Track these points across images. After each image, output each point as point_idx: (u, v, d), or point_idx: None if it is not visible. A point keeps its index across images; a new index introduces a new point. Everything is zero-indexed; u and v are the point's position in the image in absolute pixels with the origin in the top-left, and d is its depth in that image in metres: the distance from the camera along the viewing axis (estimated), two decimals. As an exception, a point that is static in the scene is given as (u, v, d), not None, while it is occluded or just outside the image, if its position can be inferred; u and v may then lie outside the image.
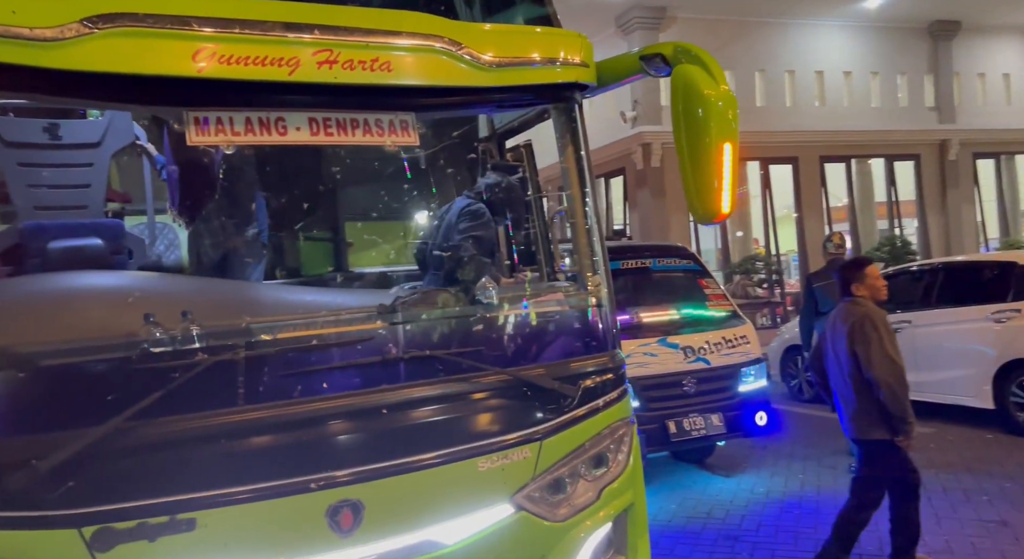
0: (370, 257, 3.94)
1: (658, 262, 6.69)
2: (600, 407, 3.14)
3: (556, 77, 3.16)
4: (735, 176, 3.10)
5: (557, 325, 3.28)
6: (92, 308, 2.62)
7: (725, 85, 3.01)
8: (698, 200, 3.08)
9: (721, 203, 3.06)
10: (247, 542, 2.43)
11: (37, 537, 2.21)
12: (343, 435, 2.63)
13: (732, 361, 6.10)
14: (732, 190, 3.09)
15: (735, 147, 3.06)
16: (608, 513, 3.12)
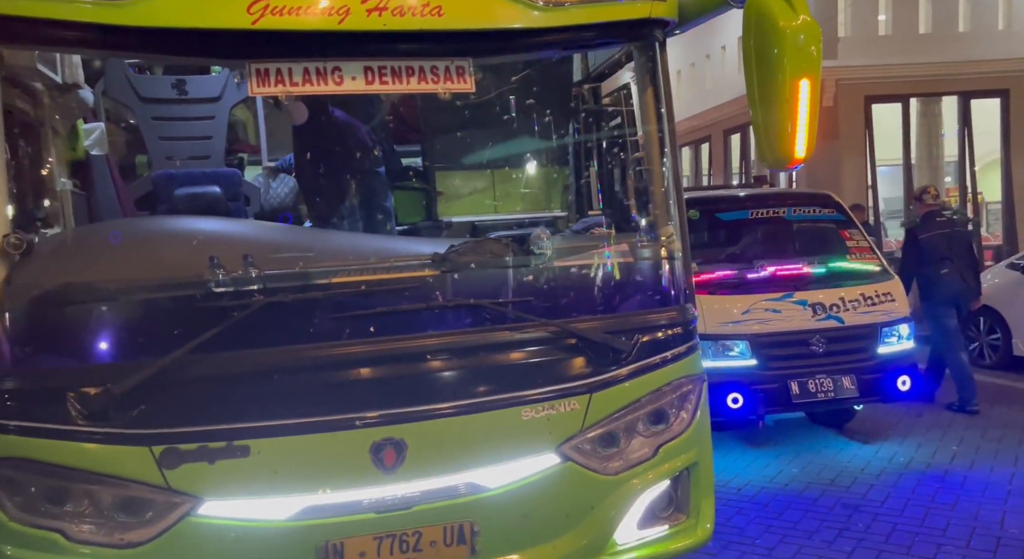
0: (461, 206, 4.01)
1: (794, 211, 6.23)
2: (661, 362, 3.04)
3: (624, 14, 3.00)
4: (814, 117, 2.82)
5: (619, 277, 3.19)
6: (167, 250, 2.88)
7: (806, 14, 2.73)
8: (767, 143, 2.84)
9: (795, 147, 2.81)
10: (296, 471, 2.63)
11: (117, 451, 2.52)
12: (389, 377, 2.74)
13: (871, 320, 5.60)
14: (810, 133, 2.82)
15: (815, 84, 2.79)
16: (665, 470, 3.05)
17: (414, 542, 2.74)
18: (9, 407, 2.53)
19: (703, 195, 6.92)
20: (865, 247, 6.14)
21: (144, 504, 2.54)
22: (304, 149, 4.07)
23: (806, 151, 2.83)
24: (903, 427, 6.43)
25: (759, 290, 5.59)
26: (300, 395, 2.66)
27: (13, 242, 2.64)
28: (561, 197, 4.16)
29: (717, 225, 6.27)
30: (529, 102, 4.00)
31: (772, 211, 6.16)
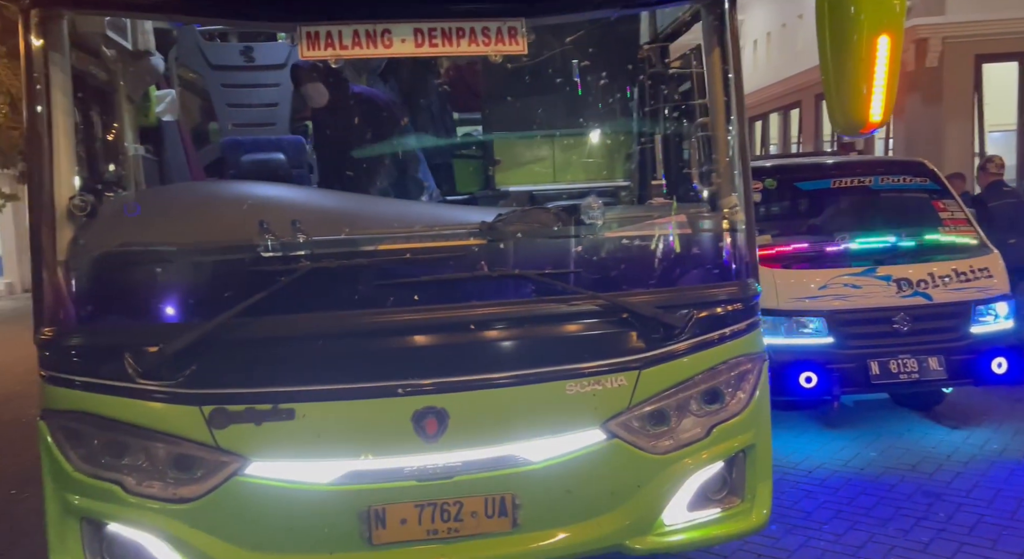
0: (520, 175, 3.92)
1: (881, 180, 5.84)
2: (717, 340, 2.91)
3: None
4: (893, 78, 2.60)
5: (676, 249, 3.06)
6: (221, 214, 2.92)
7: None
8: (839, 106, 2.66)
9: (870, 110, 2.60)
10: (339, 436, 2.65)
11: (169, 409, 2.60)
12: (432, 346, 2.72)
13: (963, 297, 5.23)
14: (888, 95, 2.61)
15: (895, 41, 2.57)
16: (719, 452, 2.94)
17: (455, 512, 2.73)
18: (73, 363, 2.64)
19: (782, 163, 6.58)
20: (961, 219, 5.72)
21: (195, 462, 2.61)
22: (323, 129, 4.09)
23: (882, 115, 2.63)
24: (998, 413, 6.02)
25: (838, 264, 5.29)
26: (345, 361, 2.67)
27: (77, 204, 2.74)
28: (624, 166, 4.02)
29: (796, 195, 5.97)
30: (593, 65, 3.86)
31: (857, 180, 5.80)
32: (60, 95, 2.78)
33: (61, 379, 2.64)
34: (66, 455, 2.63)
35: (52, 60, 2.75)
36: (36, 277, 2.71)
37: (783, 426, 5.91)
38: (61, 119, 2.78)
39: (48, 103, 2.74)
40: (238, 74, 4.24)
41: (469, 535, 2.75)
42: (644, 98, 3.80)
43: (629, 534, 2.87)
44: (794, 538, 4.00)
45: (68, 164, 2.81)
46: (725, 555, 3.85)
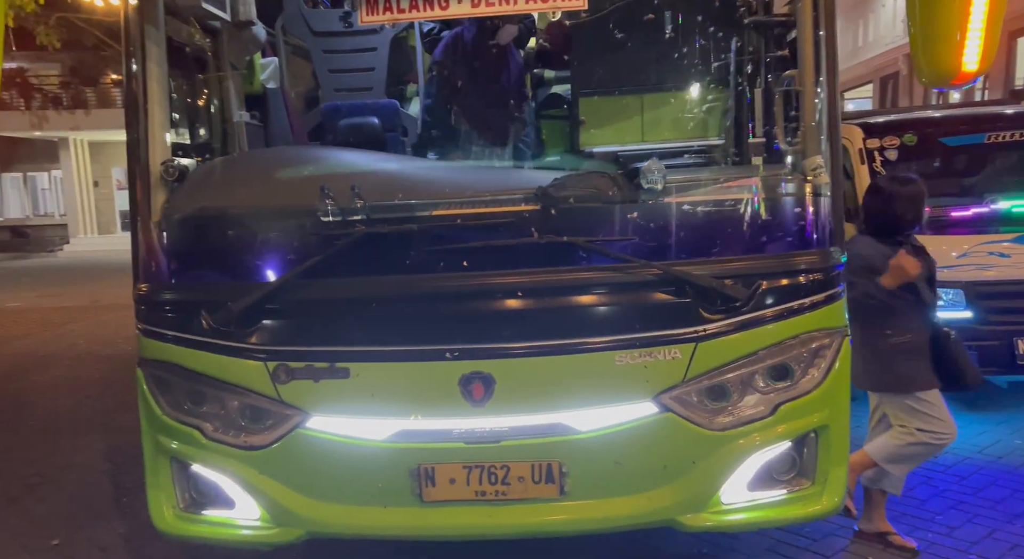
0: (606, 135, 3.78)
1: (1053, 134, 5.10)
2: (788, 312, 2.72)
3: None
4: (993, 23, 2.26)
5: (748, 215, 2.83)
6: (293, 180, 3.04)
7: None
8: (925, 53, 2.35)
9: (962, 59, 2.29)
10: (390, 396, 2.74)
11: (239, 364, 2.78)
12: (480, 311, 2.73)
13: None
14: (987, 42, 2.28)
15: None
16: (784, 432, 2.77)
17: (502, 475, 2.76)
18: (160, 317, 2.88)
19: (926, 116, 5.91)
20: None
21: (262, 413, 2.79)
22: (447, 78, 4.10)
23: (979, 65, 2.30)
24: None
25: (984, 230, 4.71)
26: (396, 324, 2.73)
27: (169, 169, 2.96)
28: (717, 123, 3.77)
29: (939, 151, 5.34)
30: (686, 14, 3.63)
31: (1017, 134, 5.10)
32: (155, 67, 2.99)
33: (152, 331, 2.89)
34: (157, 400, 2.90)
35: (147, 34, 2.95)
36: (133, 237, 2.96)
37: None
38: (156, 90, 3.00)
39: (143, 75, 2.95)
40: (338, 40, 4.36)
41: (517, 499, 2.77)
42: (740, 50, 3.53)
43: (682, 510, 2.77)
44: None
45: (162, 133, 3.03)
46: (815, 539, 3.63)
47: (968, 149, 5.33)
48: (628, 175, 2.79)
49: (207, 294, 2.84)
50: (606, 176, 2.84)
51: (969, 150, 5.34)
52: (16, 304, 13.49)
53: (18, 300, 13.99)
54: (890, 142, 5.08)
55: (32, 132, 26.19)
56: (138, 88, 2.94)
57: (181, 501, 2.96)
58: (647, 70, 3.72)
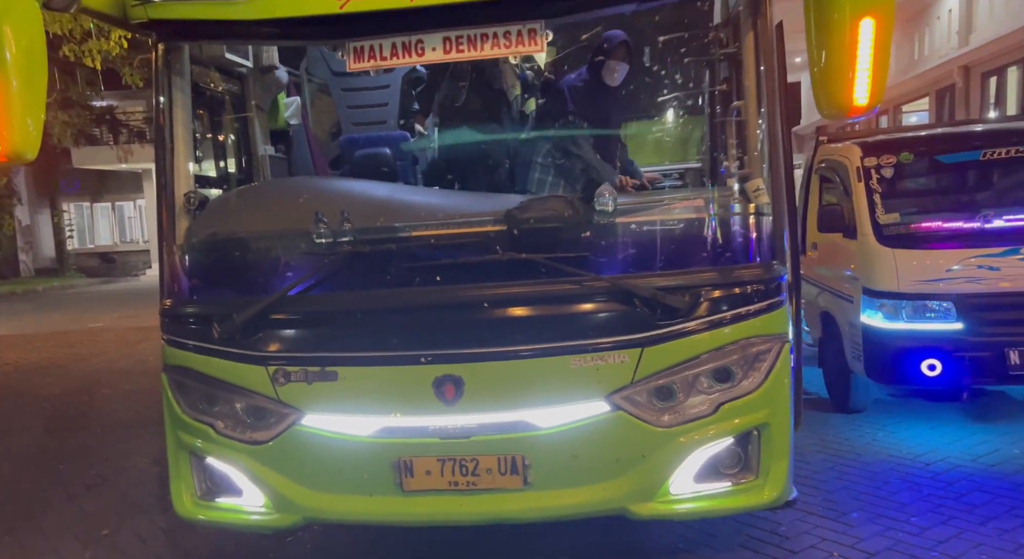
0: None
1: (1047, 149, 5.15)
2: (728, 320, 2.98)
3: None
4: (881, 60, 2.51)
5: (692, 232, 3.13)
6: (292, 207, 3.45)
7: None
8: (823, 89, 2.61)
9: (853, 95, 2.54)
10: (373, 397, 3.11)
11: (244, 368, 3.19)
12: (451, 321, 3.07)
13: None
14: (875, 79, 2.54)
15: (882, 24, 2.49)
16: (726, 429, 3.02)
17: (472, 467, 3.08)
18: (180, 328, 3.32)
19: (923, 134, 6.00)
20: None
21: (264, 412, 3.19)
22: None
23: (869, 100, 2.55)
24: None
25: (975, 244, 4.80)
26: (378, 332, 3.10)
27: (190, 198, 3.41)
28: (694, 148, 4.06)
29: (935, 168, 5.45)
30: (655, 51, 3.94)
31: (1015, 150, 5.17)
32: (180, 111, 3.46)
33: (174, 341, 3.33)
34: (178, 402, 3.33)
35: (174, 83, 3.42)
36: (160, 259, 3.43)
37: (924, 416, 5.54)
38: (181, 131, 3.47)
39: (170, 118, 3.42)
40: (354, 79, 4.80)
41: (485, 489, 3.08)
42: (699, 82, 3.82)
43: (633, 500, 3.04)
44: (872, 527, 3.85)
45: (185, 167, 3.50)
46: (788, 536, 3.82)
47: (963, 166, 5.44)
48: (584, 198, 3.11)
49: (218, 308, 3.24)
50: (564, 200, 3.17)
51: (964, 167, 5.44)
52: (98, 325, 14.47)
53: (100, 321, 15.00)
54: (887, 160, 5.23)
55: (119, 165, 27.95)
56: (165, 129, 3.40)
57: (198, 490, 3.38)
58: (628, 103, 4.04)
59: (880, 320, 4.97)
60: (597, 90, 4.20)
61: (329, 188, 3.72)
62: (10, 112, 2.68)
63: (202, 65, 3.82)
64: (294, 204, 3.44)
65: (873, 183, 5.22)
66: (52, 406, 7.88)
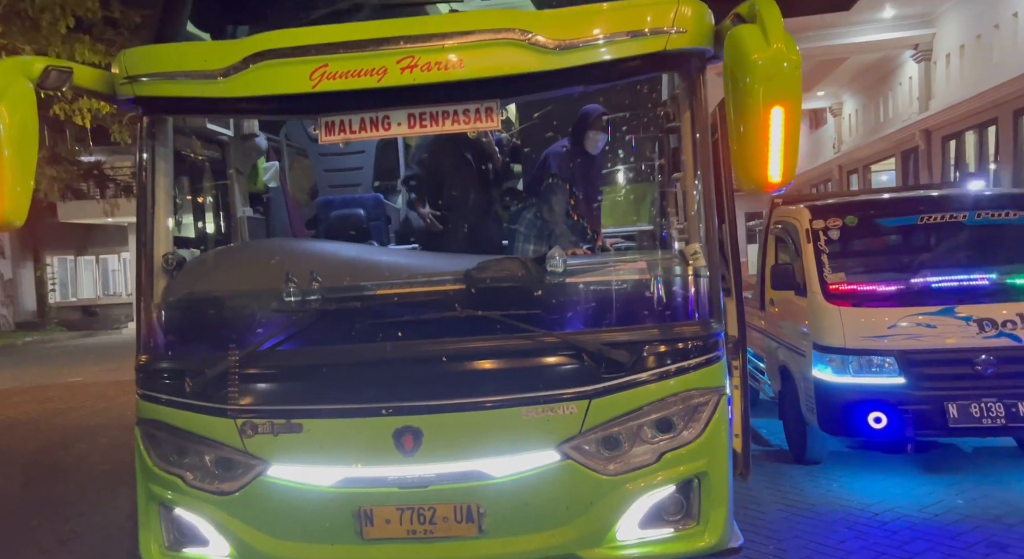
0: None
1: (978, 215, 5.50)
2: (669, 374, 3.19)
3: (635, 50, 3.15)
4: (791, 142, 2.81)
5: (636, 292, 3.36)
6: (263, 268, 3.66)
7: (781, 42, 2.74)
8: (742, 167, 2.89)
9: (768, 172, 2.82)
10: (336, 448, 3.27)
11: (213, 421, 3.33)
12: (411, 375, 3.26)
13: (1062, 340, 4.83)
14: (787, 158, 2.82)
15: (790, 111, 2.80)
16: (668, 477, 3.20)
17: (430, 516, 3.23)
18: (152, 383, 3.47)
19: (867, 199, 6.37)
20: (1078, 256, 5.26)
21: (232, 463, 3.32)
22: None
23: (782, 177, 2.83)
24: None
25: (913, 303, 5.10)
26: (341, 386, 3.28)
27: (168, 259, 3.62)
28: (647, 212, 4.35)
29: (877, 231, 5.80)
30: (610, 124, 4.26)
31: (949, 215, 5.53)
32: (162, 177, 3.67)
33: (147, 395, 3.47)
34: (149, 454, 3.46)
35: (156, 151, 3.63)
36: (137, 316, 3.62)
37: (877, 468, 5.74)
38: (162, 196, 3.67)
39: (152, 182, 3.61)
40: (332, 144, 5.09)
41: (442, 537, 3.23)
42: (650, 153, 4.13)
43: (582, 546, 3.20)
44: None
45: (165, 229, 3.70)
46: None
47: (903, 230, 5.77)
48: (536, 260, 3.35)
49: (191, 364, 3.40)
50: (518, 261, 3.41)
51: (904, 230, 5.78)
52: (78, 379, 14.47)
53: (80, 375, 14.99)
54: (834, 223, 5.56)
55: (105, 219, 28.14)
56: (147, 194, 3.60)
57: (166, 541, 3.46)
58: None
59: (829, 374, 5.21)
60: (580, 158, 4.52)
61: (299, 249, 3.95)
62: (1, 184, 2.90)
63: (185, 134, 4.08)
64: (265, 265, 3.64)
65: (821, 244, 5.53)
66: (28, 461, 7.93)
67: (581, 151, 4.50)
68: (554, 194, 4.29)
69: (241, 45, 3.31)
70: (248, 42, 3.29)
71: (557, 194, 4.28)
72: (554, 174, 4.45)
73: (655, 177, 4.11)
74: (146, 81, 3.33)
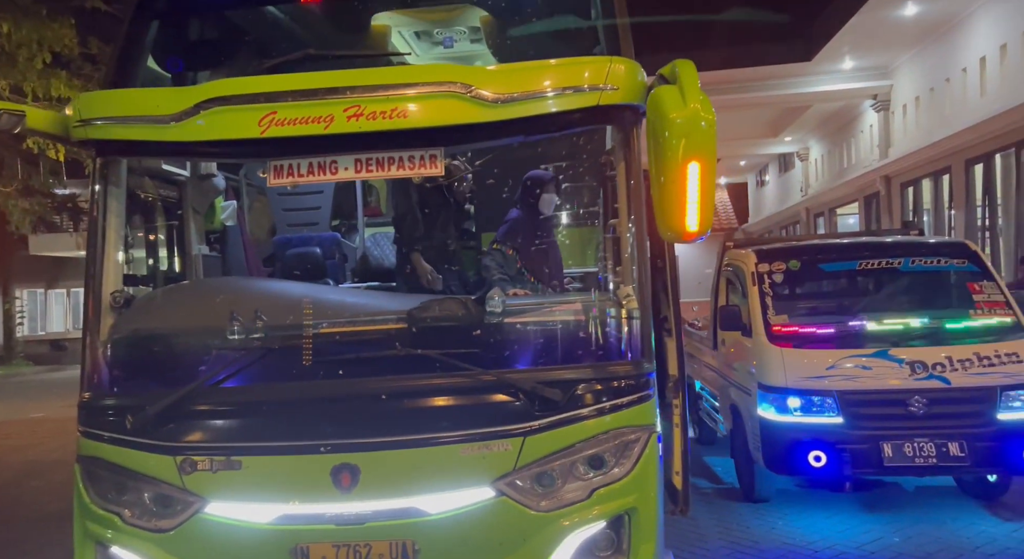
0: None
1: (912, 262, 5.75)
2: (600, 412, 3.29)
3: (571, 104, 3.31)
4: (707, 195, 2.99)
5: (571, 333, 3.49)
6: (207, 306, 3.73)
7: (696, 103, 2.93)
8: (662, 217, 3.06)
9: (686, 222, 2.99)
10: (274, 485, 3.30)
11: (152, 458, 3.35)
12: (350, 412, 3.33)
13: (987, 382, 5.05)
14: (703, 209, 2.99)
15: (706, 167, 2.98)
16: (599, 513, 3.27)
17: (365, 553, 3.27)
18: (93, 420, 3.48)
19: (810, 244, 6.61)
20: (999, 301, 5.49)
21: (170, 500, 3.32)
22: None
23: (699, 227, 3.00)
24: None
25: (850, 345, 5.30)
26: (282, 423, 3.32)
27: (116, 298, 3.67)
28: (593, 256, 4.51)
29: (819, 276, 6.02)
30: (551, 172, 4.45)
31: (885, 261, 5.77)
32: (114, 217, 3.74)
33: (89, 433, 3.48)
34: (88, 492, 3.46)
35: (109, 191, 3.71)
36: (82, 353, 3.65)
37: (821, 506, 5.86)
38: (112, 235, 3.71)
39: (104, 221, 3.67)
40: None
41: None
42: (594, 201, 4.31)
43: (515, 582, 3.27)
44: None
45: (115, 268, 3.74)
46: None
47: (843, 274, 6.00)
48: (477, 300, 3.48)
49: (132, 401, 3.42)
50: (460, 301, 3.53)
51: (843, 275, 6.00)
52: (39, 414, 14.25)
53: (43, 410, 14.76)
54: (778, 267, 5.77)
55: (77, 252, 27.88)
56: (98, 233, 3.66)
57: None
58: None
59: (773, 413, 5.36)
60: (535, 219, 4.69)
61: (247, 287, 4.04)
62: None
63: (141, 174, 4.18)
64: (212, 303, 3.72)
65: (766, 287, 5.72)
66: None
67: (535, 212, 4.67)
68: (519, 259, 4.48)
69: (193, 91, 3.44)
70: (200, 89, 3.43)
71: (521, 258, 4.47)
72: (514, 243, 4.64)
73: (595, 222, 4.29)
74: (99, 124, 3.44)
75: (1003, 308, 5.51)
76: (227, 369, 3.39)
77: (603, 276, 3.72)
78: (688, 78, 3.00)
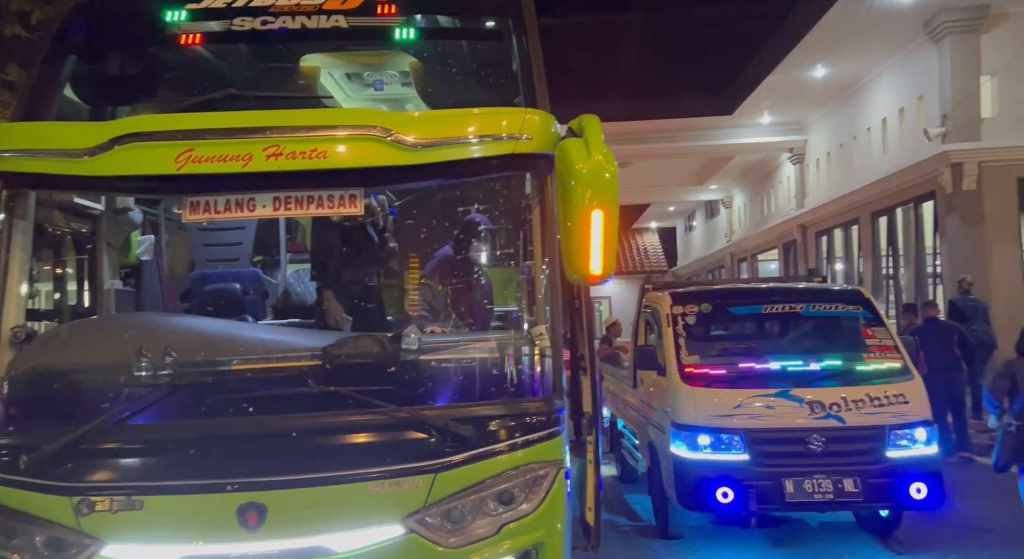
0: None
1: (813, 307, 6.11)
2: (508, 448, 3.35)
3: (487, 151, 3.44)
4: (609, 241, 3.15)
5: (484, 371, 3.57)
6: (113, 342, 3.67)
7: (600, 154, 3.11)
8: (569, 261, 3.21)
9: (590, 266, 3.15)
10: (177, 525, 3.21)
11: (47, 499, 3.22)
12: (258, 449, 3.29)
13: (876, 421, 5.37)
14: (606, 254, 3.16)
15: (608, 214, 3.14)
16: (508, 549, 3.31)
17: None
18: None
19: (720, 288, 6.96)
20: (888, 346, 5.88)
21: (64, 544, 3.19)
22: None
23: (602, 271, 3.16)
24: (956, 541, 5.87)
25: (755, 385, 5.56)
26: (186, 461, 3.23)
27: (16, 333, 3.56)
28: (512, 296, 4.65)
29: (727, 319, 6.32)
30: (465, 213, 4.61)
31: (788, 306, 6.10)
32: (19, 250, 3.64)
33: None
34: None
35: (14, 224, 3.63)
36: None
37: (733, 542, 6.04)
38: (16, 269, 3.58)
39: (7, 255, 3.56)
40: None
41: None
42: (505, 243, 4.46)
43: (426, 620, 3.28)
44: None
45: (17, 302, 3.61)
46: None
47: (749, 318, 6.30)
48: (392, 338, 3.53)
49: (26, 439, 3.29)
50: (374, 338, 3.59)
51: (749, 319, 6.31)
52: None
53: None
54: (691, 309, 6.02)
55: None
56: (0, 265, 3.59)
57: None
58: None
59: (685, 450, 5.54)
60: (464, 258, 4.81)
61: (157, 323, 3.99)
62: None
63: (52, 207, 4.11)
64: (119, 338, 3.64)
65: (679, 329, 5.95)
66: None
67: (467, 252, 4.80)
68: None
69: (110, 126, 3.44)
70: (117, 124, 3.44)
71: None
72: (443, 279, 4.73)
73: (514, 263, 4.42)
74: (8, 157, 3.41)
75: (892, 352, 5.87)
76: (131, 406, 3.31)
77: (517, 315, 3.83)
78: (593, 132, 3.18)
